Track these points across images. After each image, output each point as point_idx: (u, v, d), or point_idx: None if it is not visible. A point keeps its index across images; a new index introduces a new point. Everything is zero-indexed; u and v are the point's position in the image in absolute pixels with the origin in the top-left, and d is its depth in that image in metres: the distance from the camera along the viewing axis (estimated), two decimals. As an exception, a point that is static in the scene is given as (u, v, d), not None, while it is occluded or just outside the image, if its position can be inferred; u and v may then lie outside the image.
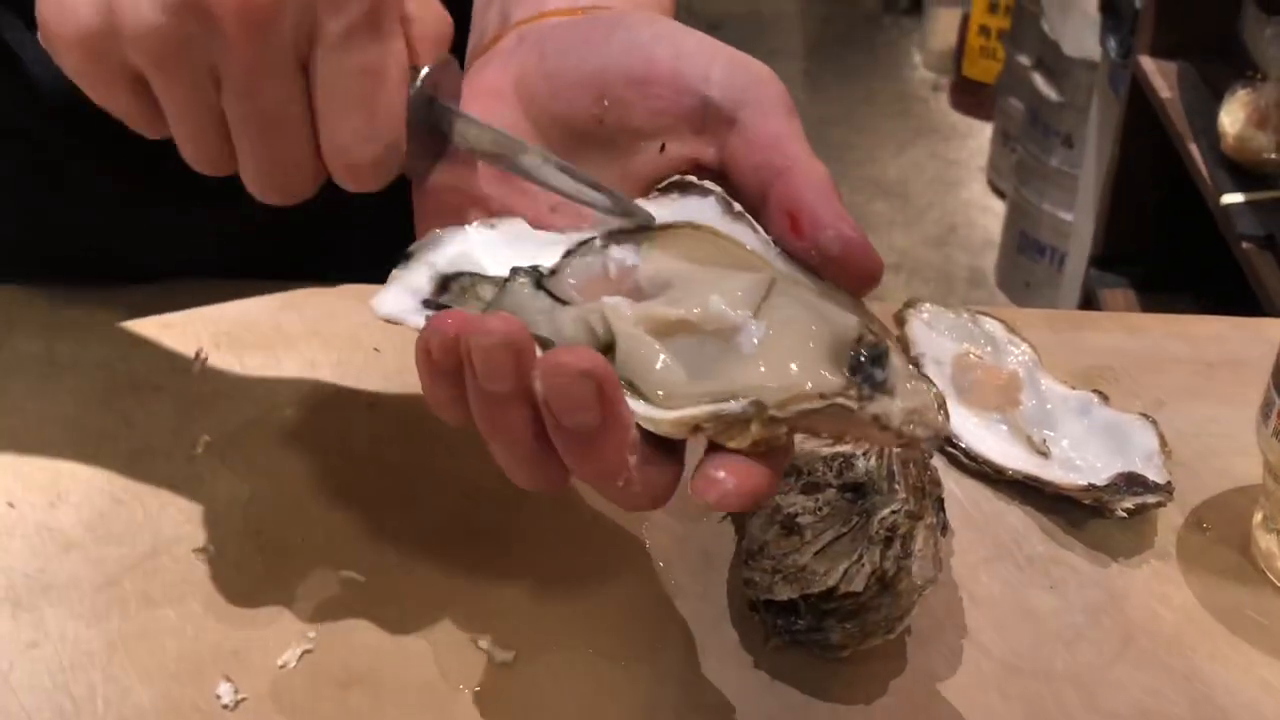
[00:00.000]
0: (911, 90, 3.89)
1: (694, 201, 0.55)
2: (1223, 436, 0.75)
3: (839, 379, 0.49)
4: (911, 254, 3.19)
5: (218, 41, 0.51)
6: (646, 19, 0.58)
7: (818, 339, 0.49)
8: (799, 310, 0.50)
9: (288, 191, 0.55)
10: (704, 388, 0.49)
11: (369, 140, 0.53)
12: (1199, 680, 0.62)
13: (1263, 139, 1.76)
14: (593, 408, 0.47)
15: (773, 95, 0.55)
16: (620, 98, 0.56)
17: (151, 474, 0.69)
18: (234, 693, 0.59)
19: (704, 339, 0.50)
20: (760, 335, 0.49)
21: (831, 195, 0.52)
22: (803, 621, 0.60)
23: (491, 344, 0.47)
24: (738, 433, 0.48)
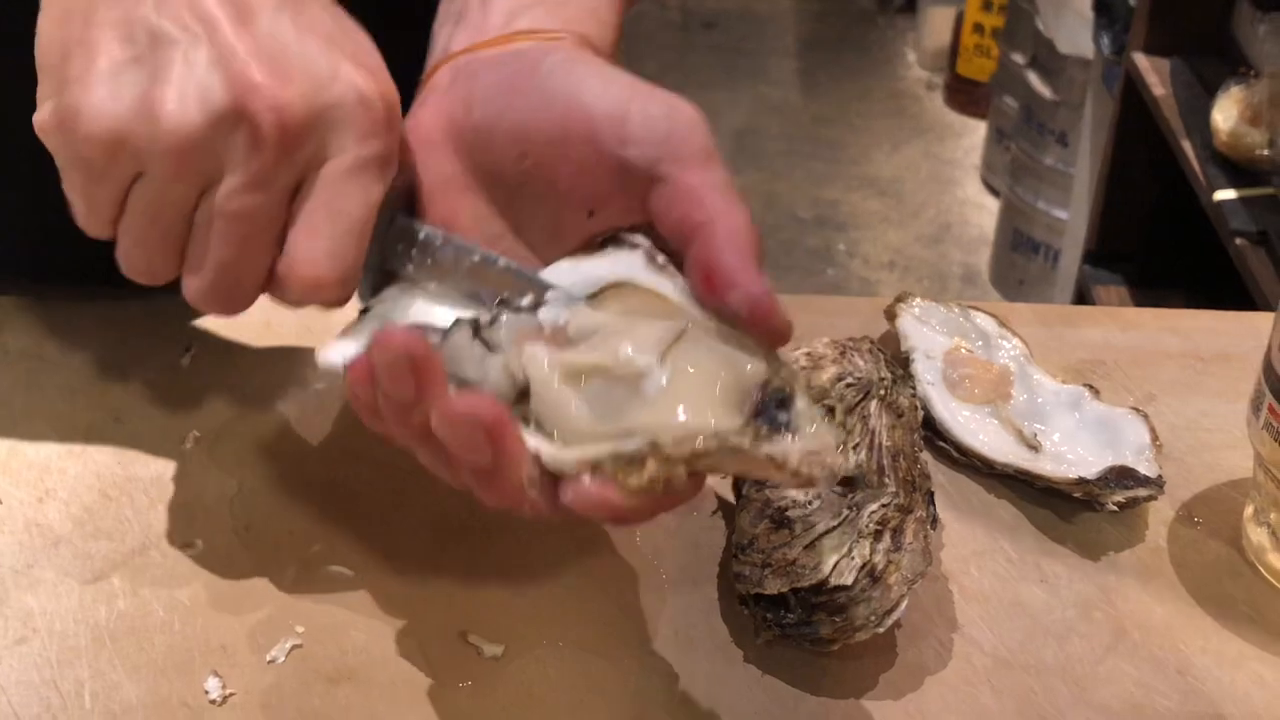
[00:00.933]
0: (906, 88, 3.89)
1: (623, 255, 0.57)
2: (1214, 430, 0.75)
3: (738, 422, 0.51)
4: (906, 252, 3.19)
5: (241, 149, 0.53)
6: (564, 64, 0.58)
7: (721, 383, 0.52)
8: (706, 356, 0.53)
9: (232, 302, 0.56)
10: (608, 428, 0.51)
11: (335, 260, 0.55)
12: (1190, 673, 0.62)
13: (1255, 135, 1.75)
14: (483, 449, 0.50)
15: (692, 145, 0.55)
16: (541, 157, 0.57)
17: (140, 469, 0.69)
18: (222, 688, 0.59)
19: (613, 383, 0.52)
20: (664, 379, 0.52)
21: (745, 252, 0.53)
22: (792, 615, 0.59)
23: (391, 359, 0.50)
24: (635, 471, 0.49)
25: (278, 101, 0.52)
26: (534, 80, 0.57)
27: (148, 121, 0.52)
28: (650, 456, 0.49)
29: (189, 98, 0.52)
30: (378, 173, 0.55)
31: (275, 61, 0.53)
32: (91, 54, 0.53)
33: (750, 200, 2.75)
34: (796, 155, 3.55)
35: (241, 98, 0.52)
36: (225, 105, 0.52)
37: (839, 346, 0.70)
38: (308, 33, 0.55)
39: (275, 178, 0.54)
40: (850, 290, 3.03)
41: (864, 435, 0.65)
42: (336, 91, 0.54)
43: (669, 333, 0.53)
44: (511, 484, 0.51)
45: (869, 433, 0.65)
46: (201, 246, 0.55)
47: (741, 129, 3.66)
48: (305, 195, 0.55)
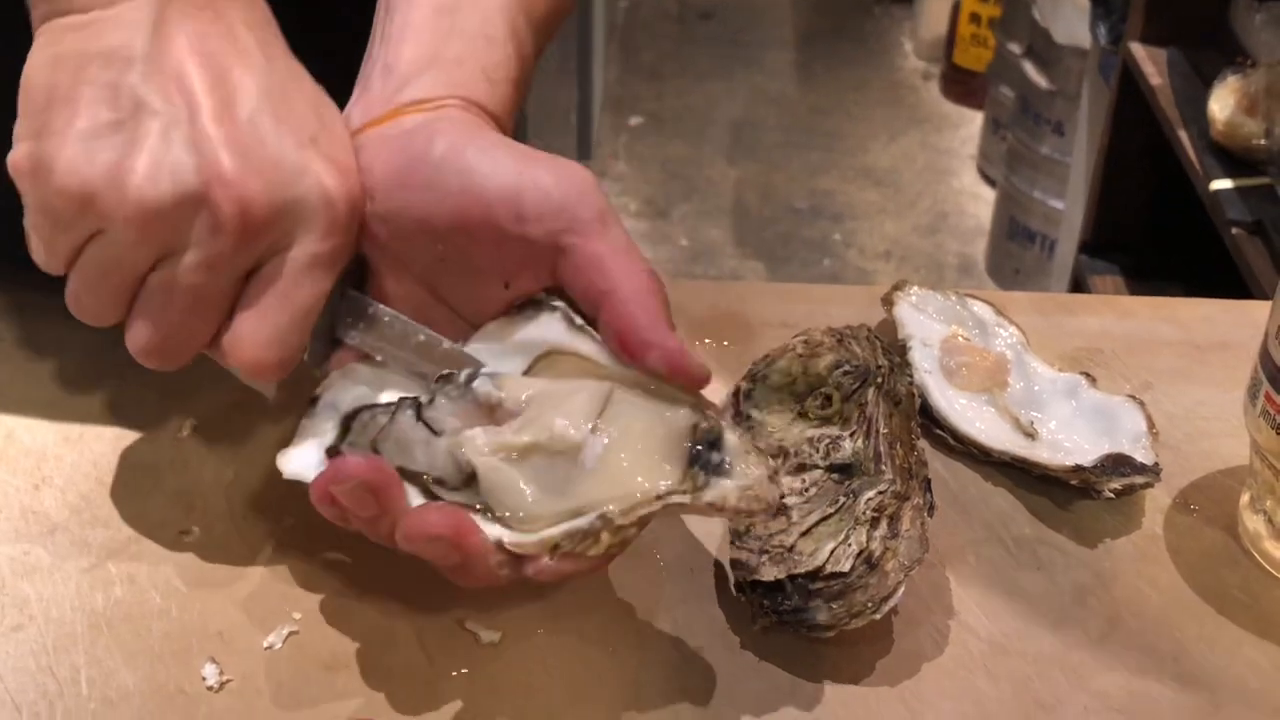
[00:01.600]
0: (902, 79, 3.89)
1: (543, 318, 0.60)
2: (1210, 418, 0.75)
3: (677, 473, 0.55)
4: (902, 242, 3.19)
5: (202, 231, 0.55)
6: (452, 149, 0.59)
7: (654, 439, 0.56)
8: (635, 416, 0.57)
9: (170, 360, 0.59)
10: (558, 506, 0.55)
11: (277, 347, 0.58)
12: (1186, 660, 0.62)
13: (1252, 125, 1.75)
14: (452, 556, 0.54)
15: (587, 212, 0.58)
16: (451, 243, 0.60)
17: (136, 457, 0.69)
18: (219, 674, 0.59)
19: (554, 458, 0.56)
20: (600, 449, 0.56)
21: (653, 311, 0.57)
22: (789, 602, 0.59)
23: (350, 488, 0.54)
24: (592, 544, 0.54)
25: (243, 194, 0.54)
26: (426, 171, 0.59)
27: (117, 187, 0.54)
28: (604, 530, 0.54)
29: (160, 173, 0.54)
30: (330, 267, 0.58)
31: (247, 155, 0.55)
32: (75, 110, 0.55)
33: (748, 191, 2.75)
34: (793, 146, 3.55)
35: (208, 185, 0.54)
36: (192, 188, 0.54)
37: (836, 334, 0.70)
38: (285, 127, 0.57)
39: (231, 263, 0.56)
40: (847, 280, 3.03)
41: (861, 423, 0.65)
42: (302, 189, 0.56)
43: (597, 398, 0.57)
44: (482, 575, 0.55)
45: (866, 420, 0.65)
46: (149, 306, 0.57)
47: (738, 120, 3.66)
48: (259, 278, 0.57)
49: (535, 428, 0.57)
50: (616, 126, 3.56)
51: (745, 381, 0.70)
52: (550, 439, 0.56)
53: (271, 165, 0.56)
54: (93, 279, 0.57)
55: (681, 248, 3.14)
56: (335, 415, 0.60)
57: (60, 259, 0.57)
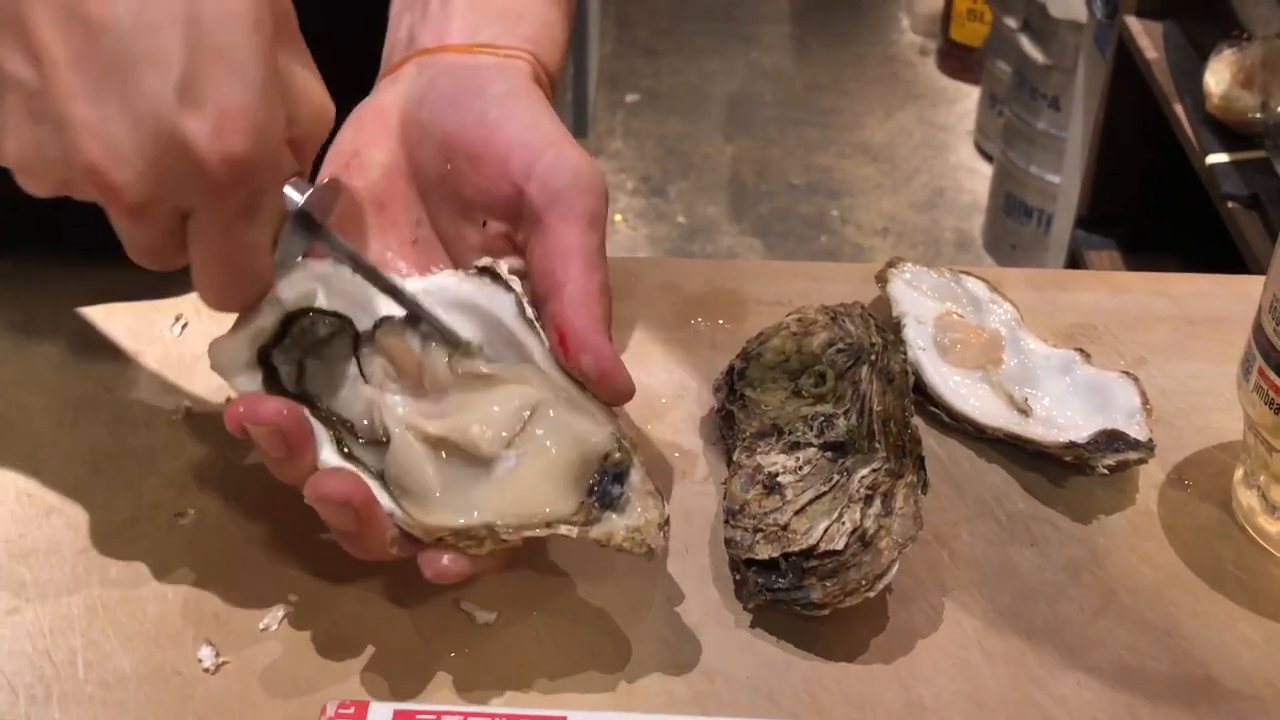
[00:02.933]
0: (899, 54, 3.88)
1: (497, 295, 0.61)
2: (1204, 393, 0.75)
3: (571, 505, 0.56)
4: (899, 218, 3.19)
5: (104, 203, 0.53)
6: (506, 94, 0.63)
7: (565, 462, 0.57)
8: (555, 432, 0.58)
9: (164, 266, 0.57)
10: (454, 501, 0.57)
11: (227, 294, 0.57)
12: (1180, 636, 0.62)
13: (1248, 99, 1.75)
14: (351, 523, 0.55)
15: (581, 206, 0.60)
16: (459, 167, 0.62)
17: (132, 440, 0.69)
18: (215, 656, 0.59)
19: (465, 457, 0.58)
20: (511, 464, 0.57)
21: (597, 316, 0.58)
22: (784, 580, 0.60)
23: (264, 431, 0.55)
24: (475, 546, 0.56)
25: (115, 184, 0.51)
26: (476, 100, 0.62)
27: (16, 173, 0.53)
28: (488, 538, 0.56)
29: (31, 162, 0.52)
30: (251, 219, 0.55)
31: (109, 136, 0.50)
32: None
33: (744, 167, 2.75)
34: (789, 122, 3.55)
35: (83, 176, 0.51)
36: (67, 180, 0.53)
37: (830, 312, 0.70)
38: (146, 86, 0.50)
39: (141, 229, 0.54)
40: (844, 256, 3.03)
41: (855, 400, 0.65)
42: (176, 161, 0.51)
43: (523, 408, 0.58)
44: (375, 548, 0.56)
45: (860, 398, 0.65)
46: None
47: (734, 96, 3.65)
48: (190, 229, 0.54)
49: (453, 423, 0.58)
50: (612, 104, 3.55)
51: (739, 360, 0.70)
52: (464, 441, 0.58)
53: (133, 144, 0.50)
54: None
55: (678, 225, 3.13)
56: (278, 310, 0.59)
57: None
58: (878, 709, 0.58)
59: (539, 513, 0.56)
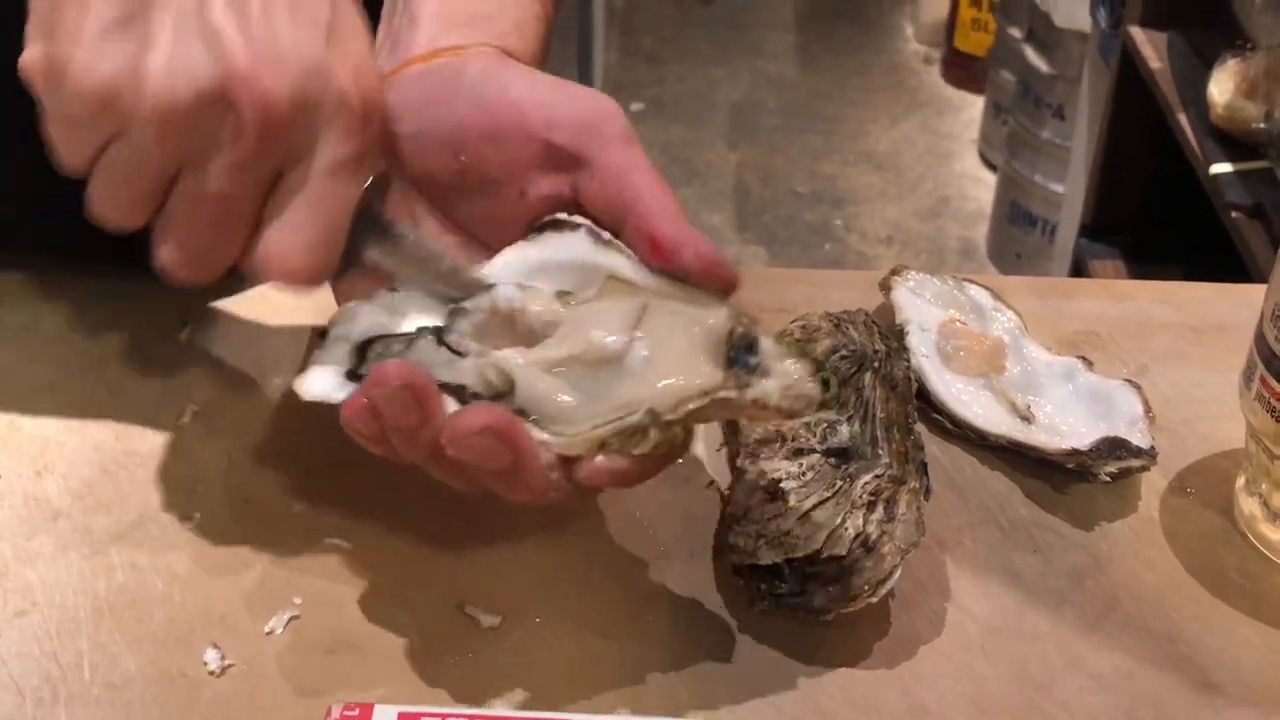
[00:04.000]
0: (903, 63, 3.88)
1: (566, 237, 0.60)
2: (1207, 401, 0.75)
3: (718, 373, 0.55)
4: (903, 226, 3.19)
5: (225, 133, 0.53)
6: (488, 69, 0.62)
7: (694, 343, 0.56)
8: (673, 322, 0.57)
9: (200, 273, 0.57)
10: (602, 407, 0.55)
11: (312, 255, 0.56)
12: (1182, 642, 0.62)
13: (1252, 109, 1.75)
14: (502, 454, 0.54)
15: (613, 130, 0.60)
16: (475, 152, 0.61)
17: (138, 443, 0.69)
18: (221, 659, 0.59)
19: (593, 368, 0.56)
20: (643, 353, 0.56)
21: (680, 218, 0.58)
22: (787, 585, 0.60)
23: (391, 392, 0.53)
24: (638, 441, 0.54)
25: (263, 91, 0.52)
26: (460, 86, 0.61)
27: (134, 87, 0.52)
28: (652, 426, 0.54)
29: (176, 70, 0.52)
30: (357, 172, 0.57)
31: (263, 49, 0.53)
32: (84, 7, 0.53)
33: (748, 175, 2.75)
34: (794, 130, 3.55)
35: (228, 82, 0.52)
36: (212, 86, 0.52)
37: (834, 319, 0.71)
38: (300, 20, 0.54)
39: (256, 166, 0.54)
40: (848, 265, 3.03)
41: (858, 407, 0.65)
42: (321, 86, 0.54)
43: (632, 311, 0.57)
44: (534, 478, 0.54)
45: (863, 404, 0.65)
46: (176, 217, 0.55)
47: (739, 103, 3.65)
48: (286, 187, 0.55)
49: (571, 341, 0.57)
50: (617, 112, 3.55)
51: (743, 366, 0.70)
52: (588, 350, 0.56)
53: (288, 61, 0.53)
54: (115, 181, 0.55)
55: (682, 233, 3.13)
56: (347, 344, 0.59)
57: (81, 160, 0.55)
58: (881, 713, 0.58)
59: (691, 387, 0.55)
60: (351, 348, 0.58)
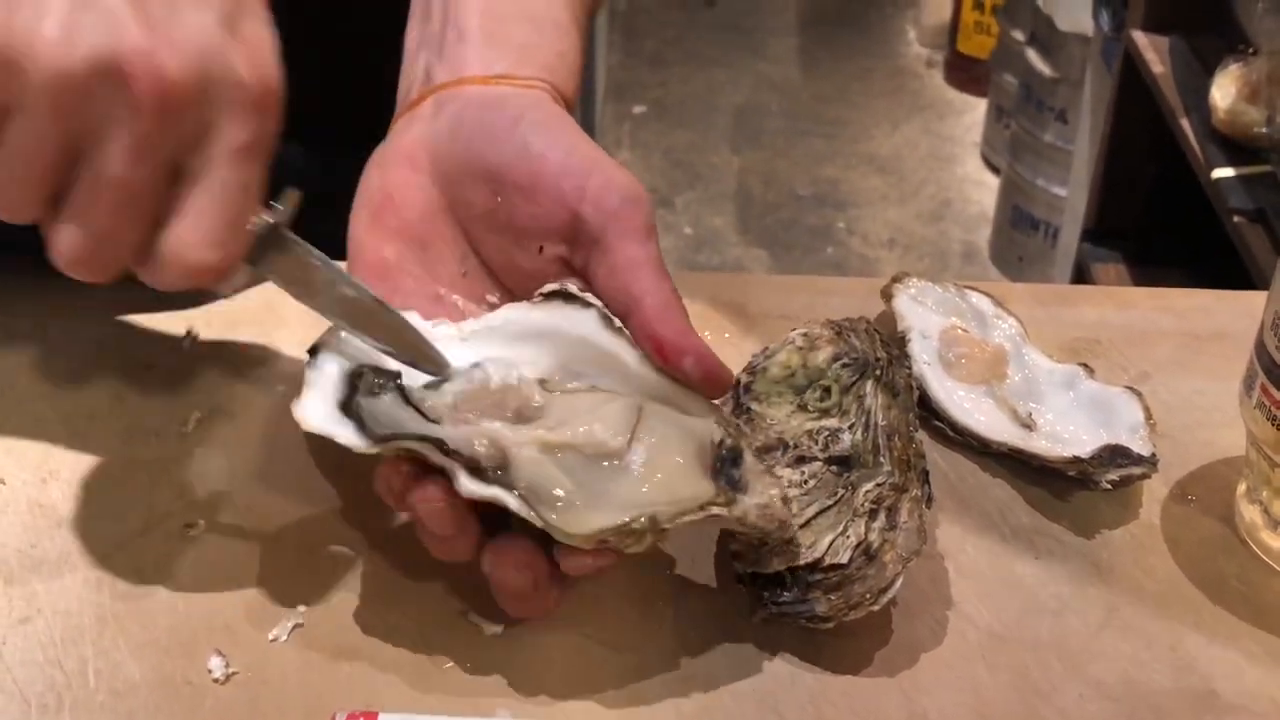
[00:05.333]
0: (906, 66, 3.89)
1: (577, 312, 0.62)
2: (1208, 409, 0.75)
3: (709, 486, 0.58)
4: (906, 230, 3.19)
5: (120, 108, 0.52)
6: (543, 121, 0.64)
7: (687, 453, 0.58)
8: (668, 429, 0.59)
9: (99, 271, 0.56)
10: (599, 502, 0.57)
11: (217, 247, 0.55)
12: (1183, 650, 0.62)
13: (1254, 113, 1.75)
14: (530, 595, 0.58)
15: (636, 221, 0.62)
16: (510, 199, 0.63)
17: (143, 451, 0.70)
18: (225, 666, 0.59)
19: (588, 460, 0.58)
20: (642, 458, 0.58)
21: (683, 320, 0.60)
22: (789, 593, 0.60)
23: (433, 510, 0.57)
24: (633, 543, 0.56)
25: (159, 68, 0.51)
26: (514, 131, 0.63)
27: (28, 54, 0.50)
28: (648, 531, 0.56)
29: (71, 37, 0.50)
30: (255, 158, 0.55)
31: (161, 26, 0.52)
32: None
33: (751, 179, 2.76)
34: (796, 133, 3.55)
35: (122, 53, 0.51)
36: (107, 57, 0.51)
37: (835, 326, 0.71)
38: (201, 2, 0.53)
39: (154, 149, 0.53)
40: (850, 268, 3.03)
41: (860, 415, 0.65)
42: (219, 67, 0.53)
43: (630, 409, 0.59)
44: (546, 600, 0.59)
45: (865, 412, 0.66)
46: (74, 208, 0.54)
47: (741, 107, 3.65)
48: (187, 176, 0.54)
49: (572, 429, 0.58)
50: (620, 114, 3.56)
51: (744, 374, 0.70)
52: (589, 443, 0.58)
53: (186, 40, 0.52)
54: (9, 165, 0.53)
55: (685, 236, 3.14)
56: (338, 367, 0.60)
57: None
58: (882, 722, 0.59)
59: (688, 498, 0.57)
60: (342, 375, 0.59)
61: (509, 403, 0.59)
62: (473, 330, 0.63)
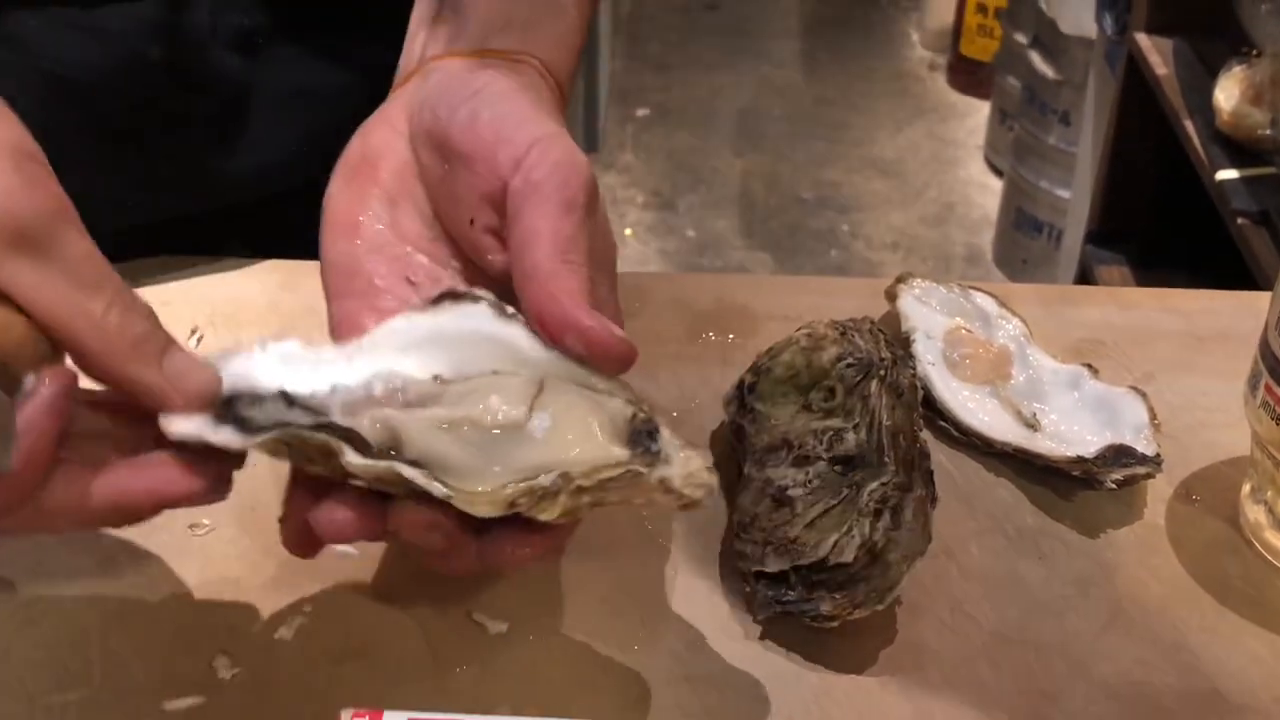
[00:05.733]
0: (909, 69, 3.89)
1: (465, 308, 0.58)
2: (1212, 409, 0.75)
3: (625, 454, 0.53)
4: (909, 232, 3.19)
5: None
6: (500, 93, 0.62)
7: (598, 421, 0.54)
8: (573, 399, 0.55)
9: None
10: (504, 468, 0.53)
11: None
12: (1187, 650, 0.62)
13: (1257, 115, 1.76)
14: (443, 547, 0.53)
15: (559, 192, 0.58)
16: (454, 167, 0.61)
17: (147, 451, 0.70)
18: (230, 666, 0.59)
19: (490, 432, 0.54)
20: (547, 424, 0.54)
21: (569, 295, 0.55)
22: (793, 592, 0.60)
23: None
24: (548, 505, 0.52)
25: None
26: (470, 100, 0.61)
27: None
28: (563, 491, 0.52)
29: None
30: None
31: None
32: None
33: (754, 182, 2.76)
34: (799, 136, 3.55)
35: None
36: None
37: (839, 327, 0.71)
38: None
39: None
40: (854, 271, 3.03)
41: (864, 415, 0.65)
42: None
43: (529, 384, 0.55)
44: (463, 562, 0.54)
45: (869, 412, 0.66)
46: None
47: (744, 110, 3.66)
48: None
49: (467, 404, 0.55)
50: (623, 118, 3.56)
51: (749, 374, 0.70)
52: (487, 414, 0.54)
53: None
54: None
55: (688, 239, 3.14)
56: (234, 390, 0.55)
57: None
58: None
59: (606, 458, 0.53)
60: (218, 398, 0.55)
61: (398, 401, 0.56)
62: (356, 348, 0.58)
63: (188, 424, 0.53)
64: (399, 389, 0.56)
